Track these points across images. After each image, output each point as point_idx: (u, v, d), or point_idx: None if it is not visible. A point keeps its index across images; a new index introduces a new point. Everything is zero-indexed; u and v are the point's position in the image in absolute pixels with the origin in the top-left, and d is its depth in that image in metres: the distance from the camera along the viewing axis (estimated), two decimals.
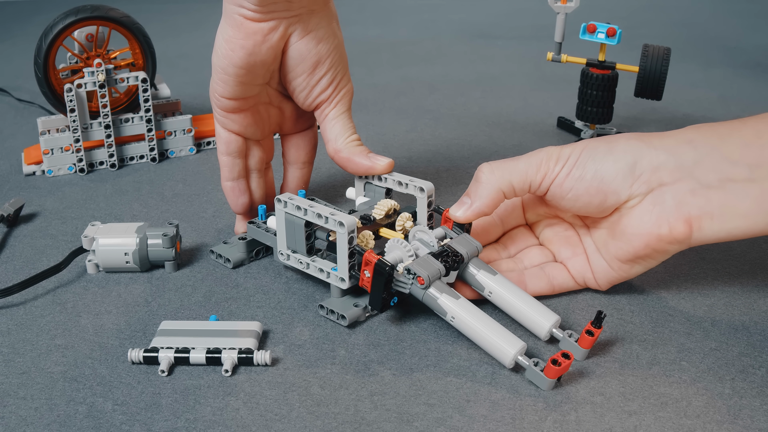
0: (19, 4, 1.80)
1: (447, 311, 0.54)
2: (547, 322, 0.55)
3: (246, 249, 0.66)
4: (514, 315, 0.57)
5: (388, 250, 0.58)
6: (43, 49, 0.82)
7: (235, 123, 0.65)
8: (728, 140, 0.54)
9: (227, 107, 0.64)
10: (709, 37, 1.46)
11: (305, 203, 0.58)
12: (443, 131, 0.98)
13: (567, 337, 0.54)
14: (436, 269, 0.55)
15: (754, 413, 0.49)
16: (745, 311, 0.60)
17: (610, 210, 0.57)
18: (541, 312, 0.56)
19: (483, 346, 0.54)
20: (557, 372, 0.50)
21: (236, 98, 0.64)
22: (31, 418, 0.49)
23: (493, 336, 0.53)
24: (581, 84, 0.91)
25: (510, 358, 0.52)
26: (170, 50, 1.38)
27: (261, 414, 0.50)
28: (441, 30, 1.53)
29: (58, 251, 0.69)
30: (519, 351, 0.52)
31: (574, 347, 0.54)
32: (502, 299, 0.57)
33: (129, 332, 0.58)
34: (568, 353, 0.50)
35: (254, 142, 0.68)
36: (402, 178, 0.63)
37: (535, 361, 0.51)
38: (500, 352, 0.53)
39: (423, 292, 0.55)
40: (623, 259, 0.58)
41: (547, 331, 0.55)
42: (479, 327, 0.53)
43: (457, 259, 0.57)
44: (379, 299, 0.55)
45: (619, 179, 0.56)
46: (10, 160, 0.90)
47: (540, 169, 0.57)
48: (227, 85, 0.63)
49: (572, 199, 0.57)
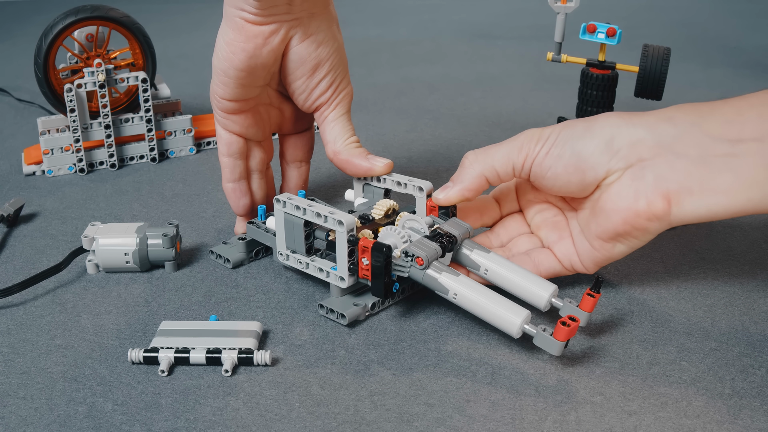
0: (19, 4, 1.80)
1: (449, 289, 0.55)
2: (545, 293, 0.56)
3: (245, 249, 0.66)
4: (511, 290, 0.57)
5: (381, 239, 0.58)
6: (43, 49, 0.82)
7: (236, 124, 0.65)
8: (709, 117, 0.54)
9: (228, 109, 0.64)
10: (709, 37, 1.46)
11: (304, 203, 0.58)
12: (443, 131, 0.98)
13: (568, 303, 0.55)
14: (433, 249, 0.56)
15: (754, 413, 0.49)
16: (745, 311, 0.60)
17: (591, 188, 0.57)
18: (538, 283, 0.56)
19: (488, 319, 0.54)
20: (567, 333, 0.50)
21: (237, 100, 0.64)
22: (31, 418, 0.49)
23: (498, 307, 0.53)
24: (581, 84, 0.91)
25: (517, 327, 0.52)
26: (170, 50, 1.38)
27: (261, 414, 0.50)
28: (441, 30, 1.53)
29: (58, 251, 0.69)
30: (525, 319, 0.52)
31: (576, 312, 0.54)
32: (498, 275, 0.57)
33: (129, 332, 0.58)
34: (574, 316, 0.50)
35: (255, 143, 0.68)
36: (401, 178, 0.63)
37: (543, 327, 0.52)
38: (506, 322, 0.53)
39: (423, 273, 0.55)
40: (604, 237, 0.57)
41: (547, 301, 0.56)
42: (483, 300, 0.54)
43: (451, 240, 0.57)
44: (380, 285, 0.56)
45: (596, 155, 0.55)
46: (10, 160, 0.90)
47: (521, 150, 0.58)
48: (228, 87, 0.63)
49: (552, 178, 0.57)
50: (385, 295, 0.56)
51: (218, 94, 0.64)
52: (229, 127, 0.66)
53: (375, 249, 0.55)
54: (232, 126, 0.66)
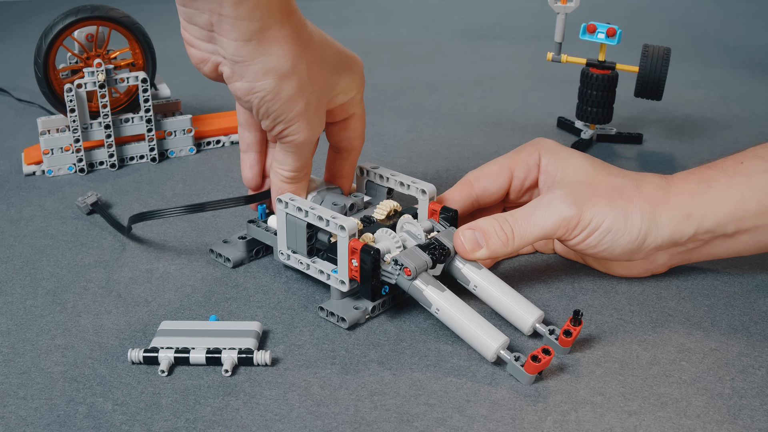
0: (19, 4, 1.80)
1: (432, 303, 0.55)
2: (530, 317, 0.56)
3: (246, 248, 0.66)
4: (498, 309, 0.58)
5: (376, 241, 0.58)
6: (43, 49, 0.82)
7: None
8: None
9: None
10: (709, 37, 1.46)
11: (306, 205, 0.58)
12: (443, 131, 0.98)
13: (548, 334, 0.55)
14: (422, 261, 0.56)
15: (754, 413, 0.49)
16: (745, 311, 0.60)
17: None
18: (524, 307, 0.57)
19: (466, 338, 0.54)
20: (537, 368, 0.51)
21: None
22: (31, 418, 0.49)
23: (477, 329, 0.54)
24: (581, 84, 0.91)
25: (492, 352, 0.53)
26: (170, 50, 1.38)
27: (261, 414, 0.50)
28: (441, 30, 1.53)
29: (58, 251, 0.69)
30: (501, 345, 0.53)
31: (553, 344, 0.55)
32: (486, 293, 0.58)
33: (129, 332, 0.58)
34: (549, 349, 0.51)
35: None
36: (404, 178, 0.63)
37: (516, 355, 0.52)
38: (483, 345, 0.53)
39: (409, 283, 0.55)
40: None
41: (530, 326, 0.56)
42: (463, 320, 0.54)
43: (443, 253, 0.57)
44: (368, 287, 0.56)
45: (626, 253, 0.59)
46: (10, 160, 0.90)
47: (558, 230, 0.58)
48: None
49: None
50: (373, 298, 0.57)
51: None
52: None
53: (363, 252, 0.55)
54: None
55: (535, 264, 0.67)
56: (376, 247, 0.55)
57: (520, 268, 0.66)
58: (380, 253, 0.56)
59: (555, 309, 0.60)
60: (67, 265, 0.67)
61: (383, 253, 0.57)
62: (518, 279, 0.64)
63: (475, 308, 0.59)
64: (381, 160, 0.89)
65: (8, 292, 0.63)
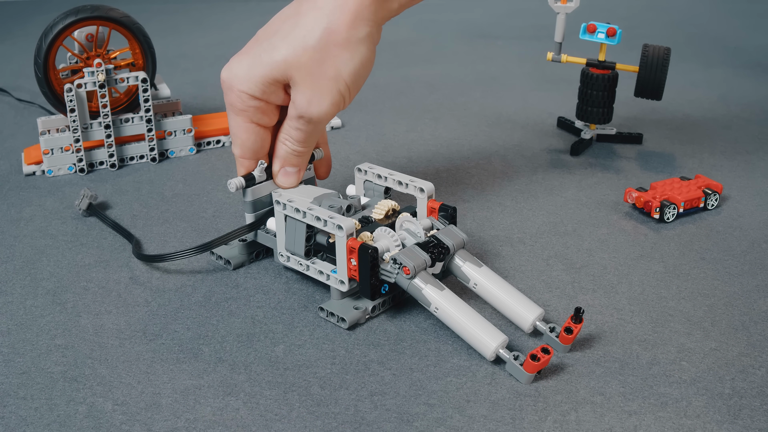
0: (19, 4, 1.80)
1: (431, 302, 0.55)
2: (530, 315, 0.56)
3: (246, 251, 0.66)
4: (498, 307, 0.58)
5: (375, 239, 0.58)
6: (43, 49, 0.82)
7: None
8: None
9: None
10: (709, 37, 1.46)
11: (304, 206, 0.58)
12: (443, 131, 0.98)
13: (548, 332, 0.55)
14: (422, 260, 0.56)
15: (754, 413, 0.49)
16: (745, 311, 0.60)
17: None
18: (524, 304, 0.57)
19: (465, 337, 0.54)
20: (536, 367, 0.51)
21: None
22: (31, 418, 0.49)
23: (476, 328, 0.54)
24: (581, 84, 0.91)
25: (491, 351, 0.53)
26: (170, 50, 1.38)
27: (261, 414, 0.50)
28: (441, 30, 1.53)
29: (58, 251, 0.69)
30: (500, 344, 0.53)
31: (555, 342, 0.55)
32: (486, 291, 0.58)
33: (129, 332, 0.58)
34: (548, 348, 0.51)
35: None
36: (402, 177, 0.63)
37: (515, 354, 0.52)
38: (482, 344, 0.53)
39: (408, 282, 0.55)
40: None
41: (531, 324, 0.56)
42: (462, 319, 0.54)
43: (443, 251, 0.57)
44: (367, 286, 0.56)
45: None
46: (10, 160, 0.90)
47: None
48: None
49: None
50: (373, 296, 0.57)
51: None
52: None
53: (361, 251, 0.55)
54: None
55: (535, 264, 0.67)
56: (374, 246, 0.55)
57: (520, 267, 0.66)
58: (378, 252, 0.56)
59: (555, 309, 0.60)
60: (67, 265, 0.67)
61: (382, 252, 0.57)
62: (518, 279, 0.64)
63: (475, 306, 0.59)
64: (381, 159, 0.89)
65: (8, 292, 0.63)
